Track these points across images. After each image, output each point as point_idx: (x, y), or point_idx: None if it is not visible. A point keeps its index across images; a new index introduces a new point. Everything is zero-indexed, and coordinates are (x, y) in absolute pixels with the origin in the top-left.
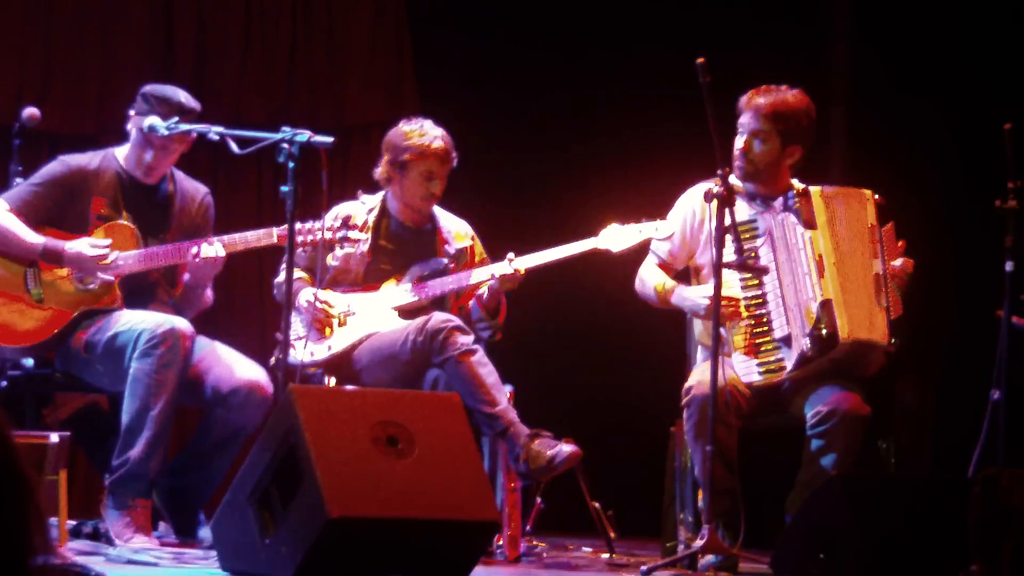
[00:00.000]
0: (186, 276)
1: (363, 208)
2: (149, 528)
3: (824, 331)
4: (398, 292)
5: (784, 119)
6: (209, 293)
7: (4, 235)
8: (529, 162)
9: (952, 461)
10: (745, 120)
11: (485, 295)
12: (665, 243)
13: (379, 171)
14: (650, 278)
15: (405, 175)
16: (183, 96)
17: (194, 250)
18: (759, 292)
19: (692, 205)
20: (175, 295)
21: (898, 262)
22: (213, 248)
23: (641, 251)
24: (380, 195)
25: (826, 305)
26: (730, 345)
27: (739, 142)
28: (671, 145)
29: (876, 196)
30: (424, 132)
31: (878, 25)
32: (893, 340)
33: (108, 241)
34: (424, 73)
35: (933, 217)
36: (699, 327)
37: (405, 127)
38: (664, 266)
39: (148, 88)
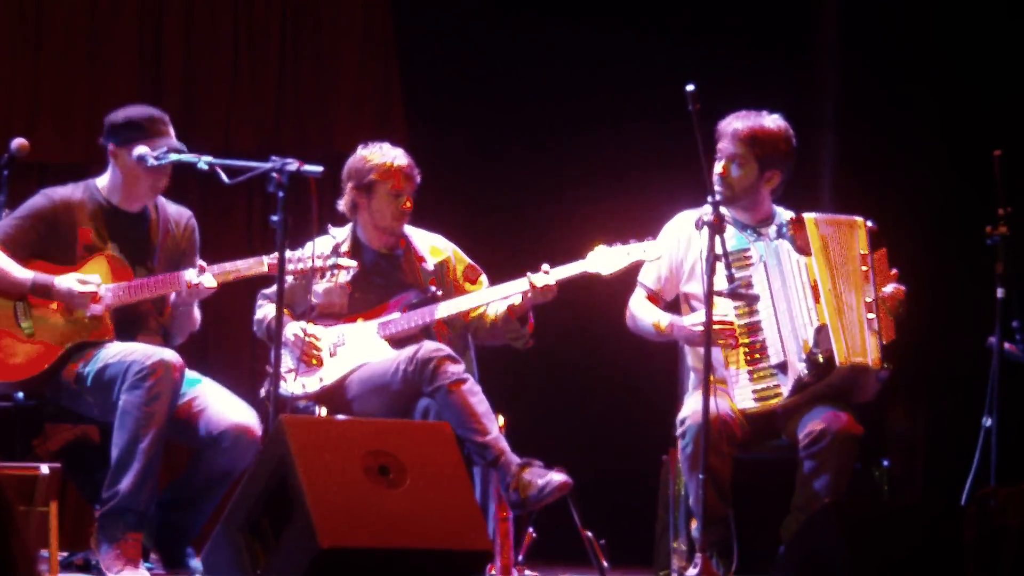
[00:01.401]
0: (172, 296)
1: (334, 242)
2: (139, 560)
3: (821, 356)
4: (381, 322)
5: (761, 144)
6: (197, 314)
7: None
8: (516, 186)
9: (945, 488)
10: (723, 145)
11: (517, 303)
12: (652, 274)
13: (343, 202)
14: (643, 313)
15: (372, 198)
16: (153, 111)
17: (190, 279)
18: (754, 319)
19: (676, 234)
20: (164, 321)
21: (889, 288)
22: (206, 278)
23: (630, 276)
24: (348, 227)
25: (822, 330)
26: (724, 372)
27: (717, 167)
28: (657, 168)
29: (869, 224)
30: (384, 152)
31: (867, 51)
32: (886, 365)
33: (97, 277)
34: (412, 99)
35: (924, 243)
36: (691, 354)
37: (363, 151)
38: (653, 297)
39: (120, 116)
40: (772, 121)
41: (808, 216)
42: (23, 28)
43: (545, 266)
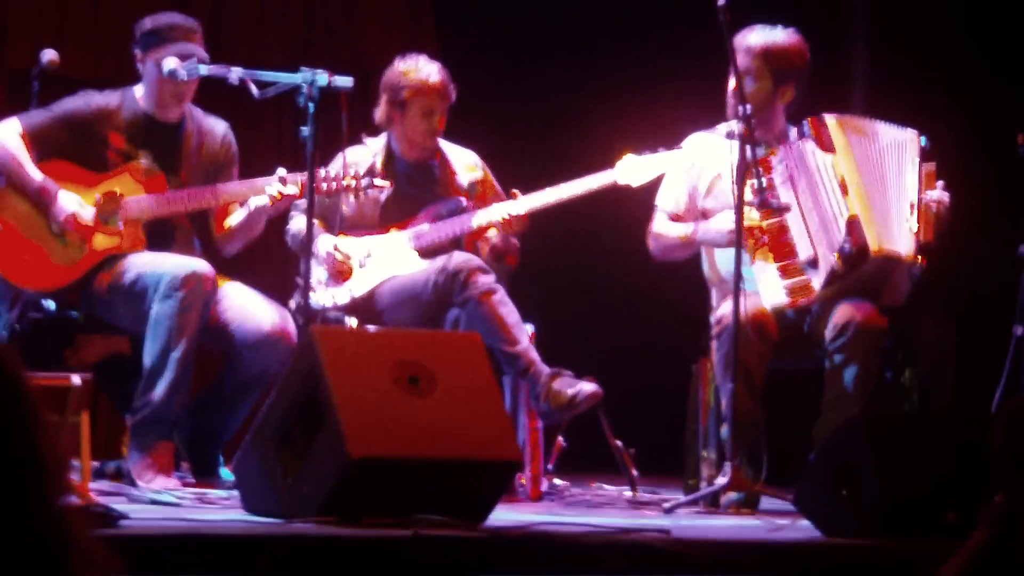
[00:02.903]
0: (256, 203)
1: (368, 152)
2: (171, 469)
3: (854, 246)
4: (411, 234)
5: (775, 58)
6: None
7: (8, 161)
8: (545, 97)
9: (975, 397)
10: (737, 59)
11: (495, 238)
12: (670, 197)
13: (379, 113)
14: (669, 230)
15: (406, 113)
16: (181, 18)
17: (271, 192)
18: (781, 219)
19: (689, 156)
20: (225, 231)
21: (934, 194)
22: (288, 187)
23: (658, 185)
24: (383, 137)
25: (853, 221)
26: (751, 273)
27: (732, 82)
28: (685, 80)
29: (922, 140)
30: (420, 68)
31: None
32: (920, 260)
33: (91, 213)
34: (442, 14)
35: (955, 152)
36: (707, 268)
37: (401, 66)
38: (676, 218)
39: (147, 23)
40: (786, 35)
41: (828, 116)
42: None
43: (515, 191)
